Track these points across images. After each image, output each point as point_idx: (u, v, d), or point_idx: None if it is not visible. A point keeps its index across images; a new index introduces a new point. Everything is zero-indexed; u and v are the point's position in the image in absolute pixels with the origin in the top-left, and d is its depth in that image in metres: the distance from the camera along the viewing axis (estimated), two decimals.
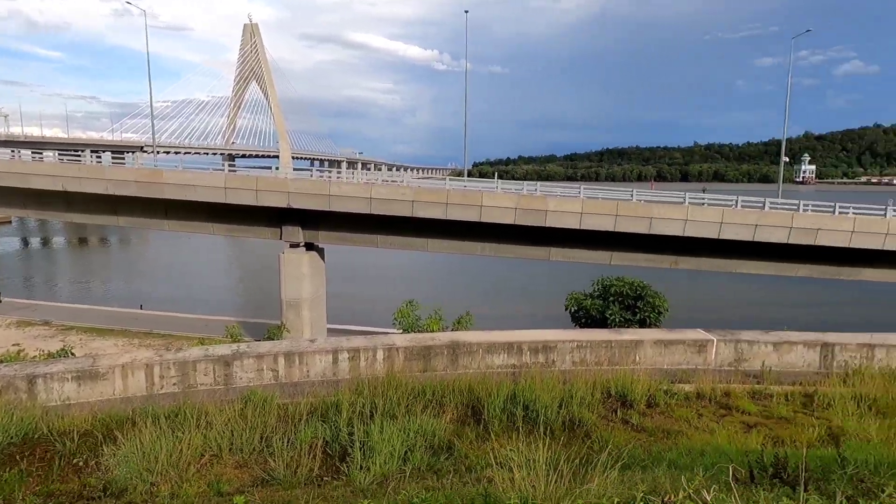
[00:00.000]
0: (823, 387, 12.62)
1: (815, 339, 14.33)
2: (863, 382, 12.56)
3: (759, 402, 12.13)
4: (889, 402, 11.62)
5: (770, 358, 14.16)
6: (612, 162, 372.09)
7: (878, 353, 14.11)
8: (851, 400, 11.71)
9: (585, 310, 17.67)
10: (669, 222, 28.33)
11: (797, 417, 11.27)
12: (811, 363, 14.23)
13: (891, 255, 29.29)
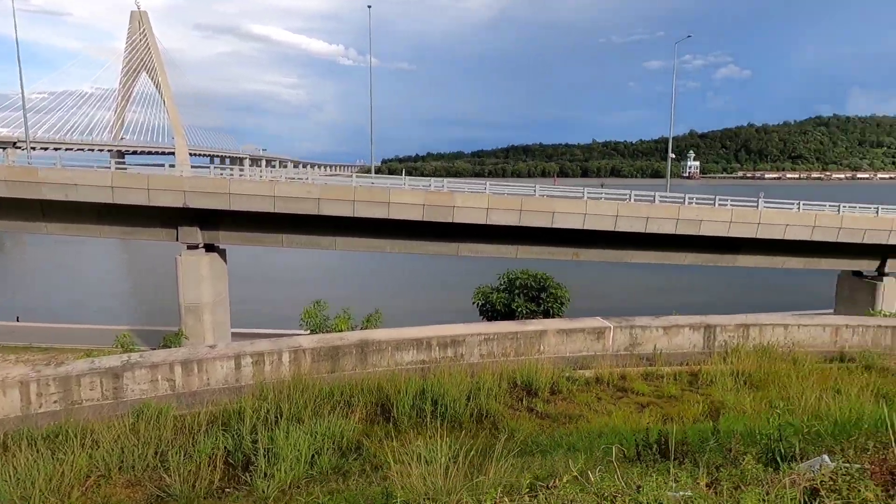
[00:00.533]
0: (707, 365, 13.74)
1: (699, 322, 15.54)
2: (739, 360, 13.80)
3: (651, 382, 13.00)
4: (762, 376, 12.85)
5: (661, 341, 15.17)
6: (517, 158, 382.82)
7: (752, 332, 15.52)
8: (730, 376, 12.84)
9: (492, 303, 18.11)
10: (570, 216, 29.61)
11: (684, 395, 12.20)
12: (696, 344, 15.41)
13: (762, 243, 32.36)
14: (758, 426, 8.25)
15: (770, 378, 12.48)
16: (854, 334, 15.88)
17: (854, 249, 33.58)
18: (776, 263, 34.25)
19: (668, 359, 14.88)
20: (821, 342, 15.77)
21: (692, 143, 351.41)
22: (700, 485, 2.39)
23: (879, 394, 11.50)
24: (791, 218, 31.55)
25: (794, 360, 13.82)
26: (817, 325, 15.93)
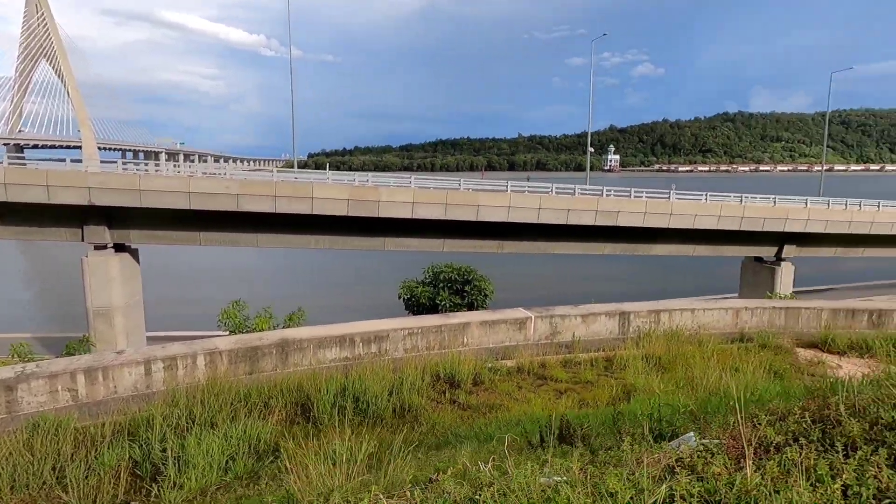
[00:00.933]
0: (621, 351, 14.38)
1: (615, 310, 16.23)
2: (650, 344, 14.54)
3: (569, 369, 13.47)
4: (670, 358, 13.60)
5: (579, 329, 15.74)
6: (445, 152, 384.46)
7: (662, 317, 16.38)
8: (642, 360, 13.51)
9: (417, 297, 18.15)
10: (495, 209, 30.11)
11: (600, 380, 12.72)
12: (612, 331, 16.09)
13: (675, 232, 34.18)
14: (649, 407, 8.78)
15: (677, 360, 13.23)
16: (752, 316, 17.10)
17: (755, 237, 36.12)
18: (687, 251, 36.29)
19: (586, 346, 15.46)
20: (724, 324, 16.88)
21: (612, 138, 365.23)
22: (573, 469, 2.50)
23: (771, 369, 12.50)
24: (699, 208, 33.50)
25: (700, 342, 14.71)
26: (720, 309, 17.03)
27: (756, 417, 2.97)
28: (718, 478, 2.20)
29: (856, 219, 36.27)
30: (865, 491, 2.16)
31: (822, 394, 3.54)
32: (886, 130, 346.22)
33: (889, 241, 39.03)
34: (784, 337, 15.95)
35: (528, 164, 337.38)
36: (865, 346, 14.58)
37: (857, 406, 2.83)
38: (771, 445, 2.51)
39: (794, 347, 15.28)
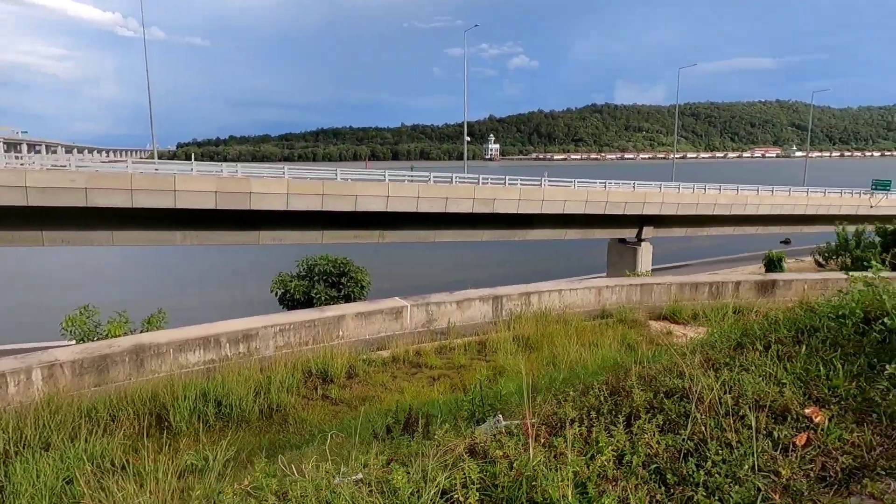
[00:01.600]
0: (494, 334, 14.90)
1: (489, 294, 16.73)
2: (521, 325, 15.21)
3: (444, 355, 13.70)
4: (538, 338, 14.29)
5: (455, 315, 16.03)
6: (328, 142, 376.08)
7: (533, 299, 17.15)
8: (513, 341, 14.05)
9: (291, 292, 17.54)
10: (373, 199, 29.84)
11: (473, 363, 13.06)
12: (486, 315, 16.58)
13: (547, 217, 35.95)
14: (528, 382, 9.17)
15: (545, 339, 13.94)
16: (613, 294, 18.42)
17: (618, 220, 38.98)
18: (560, 235, 38.36)
19: (462, 331, 15.78)
20: (588, 303, 18.03)
21: (492, 128, 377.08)
22: (371, 465, 2.46)
23: (625, 342, 13.56)
24: (569, 195, 35.48)
25: (566, 320, 15.58)
26: (585, 289, 18.16)
27: (564, 394, 3.15)
28: (502, 461, 2.28)
29: (701, 201, 40.31)
30: (636, 458, 2.34)
31: (626, 365, 3.84)
32: (728, 122, 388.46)
33: (728, 221, 43.87)
34: (639, 311, 17.35)
35: (412, 154, 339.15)
36: (704, 315, 16.21)
37: (646, 376, 3.10)
38: (567, 421, 2.65)
39: (648, 320, 16.66)
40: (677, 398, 2.69)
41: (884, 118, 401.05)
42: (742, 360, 3.11)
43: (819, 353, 3.08)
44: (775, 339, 3.29)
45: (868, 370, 2.86)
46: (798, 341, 3.27)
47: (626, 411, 2.68)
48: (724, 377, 2.85)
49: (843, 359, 2.98)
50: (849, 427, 2.48)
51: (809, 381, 2.85)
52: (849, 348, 3.13)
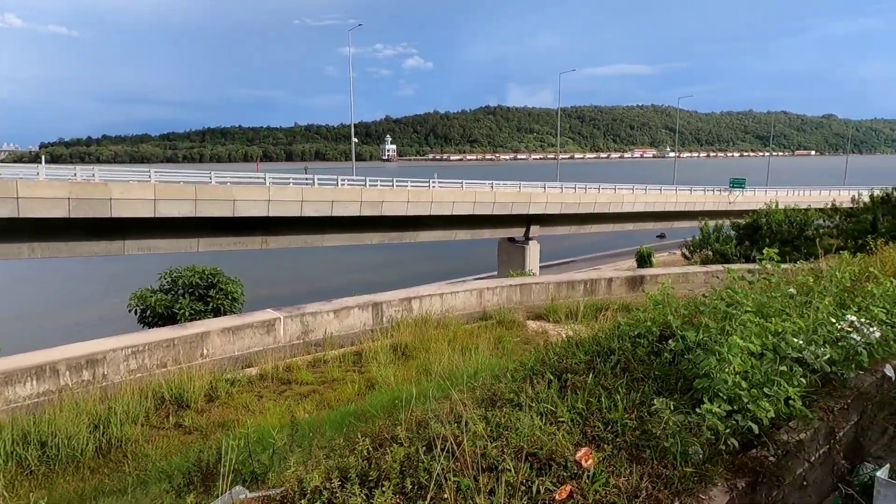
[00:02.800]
0: (372, 342, 14.45)
1: (368, 301, 16.23)
2: (400, 332, 14.88)
3: (317, 369, 13.05)
4: (416, 345, 14.04)
5: (332, 325, 15.38)
6: (215, 142, 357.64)
7: (414, 304, 16.90)
8: (390, 350, 13.67)
9: (152, 307, 16.06)
10: (254, 203, 28.35)
11: (347, 376, 12.53)
12: (366, 323, 16.07)
13: (437, 219, 36.06)
14: (398, 394, 8.81)
15: (423, 345, 13.71)
16: (494, 295, 18.60)
17: (506, 220, 39.93)
18: (450, 236, 38.65)
19: (340, 341, 15.19)
20: (470, 305, 18.08)
21: (389, 128, 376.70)
22: None
23: (500, 344, 13.66)
24: (457, 196, 35.80)
25: (446, 325, 15.47)
26: (466, 291, 18.18)
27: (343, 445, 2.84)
28: None
29: (583, 200, 42.30)
30: None
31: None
32: (610, 124, 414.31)
33: (608, 218, 46.43)
34: (519, 311, 17.63)
35: (307, 154, 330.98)
36: (579, 313, 16.77)
37: (422, 420, 2.88)
38: (309, 490, 2.30)
39: (526, 320, 16.96)
40: (439, 451, 2.43)
41: (741, 122, 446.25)
42: (530, 392, 2.93)
43: (607, 379, 2.98)
44: (570, 366, 3.16)
45: (655, 396, 2.78)
46: (591, 367, 3.15)
47: (375, 475, 2.38)
48: (499, 418, 2.64)
49: (630, 385, 2.89)
50: (620, 468, 2.34)
51: (590, 416, 2.72)
52: (639, 373, 3.05)
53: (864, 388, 3.03)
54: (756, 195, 53.46)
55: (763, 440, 2.44)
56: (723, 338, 2.75)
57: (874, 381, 3.18)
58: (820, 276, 4.30)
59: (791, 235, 29.38)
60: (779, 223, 29.85)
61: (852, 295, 4.10)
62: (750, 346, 2.56)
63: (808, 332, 3.17)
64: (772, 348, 2.84)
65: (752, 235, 30.29)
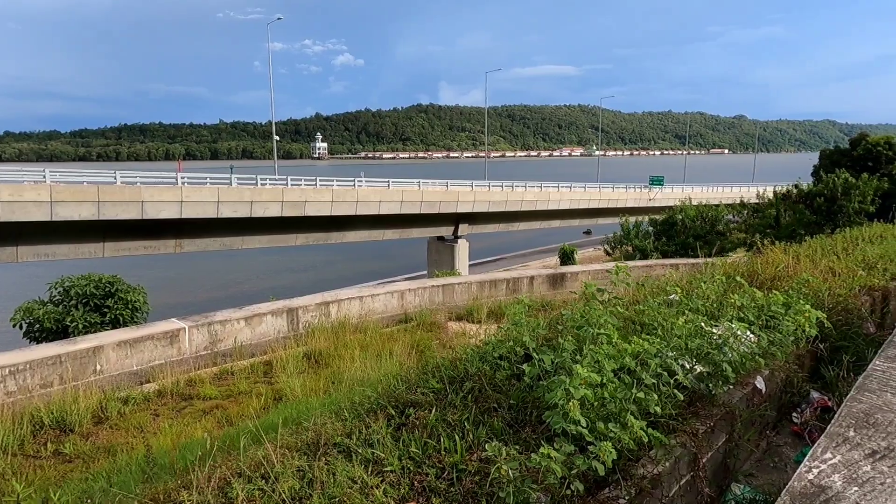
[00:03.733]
0: (286, 350, 13.77)
1: (282, 307, 15.51)
2: (316, 339, 14.29)
3: (223, 382, 12.28)
4: (332, 351, 13.51)
5: (243, 333, 14.59)
6: (133, 139, 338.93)
7: (332, 308, 16.30)
8: (304, 358, 13.07)
9: (41, 321, 14.68)
10: (165, 205, 26.73)
11: (255, 388, 11.85)
12: (281, 330, 15.35)
13: (363, 219, 35.36)
14: (305, 408, 8.29)
15: (337, 352, 13.19)
16: (416, 296, 18.28)
17: (435, 218, 39.71)
18: (378, 236, 38.02)
19: (252, 350, 14.43)
20: (391, 308, 17.67)
21: (319, 126, 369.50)
22: None
23: (417, 347, 13.35)
24: (384, 195, 35.22)
25: (364, 329, 15.00)
26: (387, 293, 17.76)
27: None
28: None
29: (510, 198, 42.72)
30: None
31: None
32: (539, 123, 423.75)
33: (535, 216, 47.16)
34: (441, 313, 17.40)
35: (234, 153, 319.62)
36: (501, 312, 16.71)
37: (228, 476, 2.50)
38: None
39: (448, 321, 16.74)
40: None
41: (661, 122, 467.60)
42: (364, 434, 2.58)
43: (455, 412, 2.68)
44: (417, 398, 2.83)
45: (506, 430, 2.51)
46: (441, 397, 2.84)
47: None
48: (315, 472, 2.28)
49: (480, 418, 2.60)
50: None
51: (425, 462, 2.41)
52: (493, 402, 2.77)
53: (732, 405, 2.89)
54: (674, 192, 55.85)
55: (617, 477, 2.21)
56: (577, 361, 2.51)
57: (744, 396, 3.06)
58: (700, 278, 4.22)
59: (703, 230, 30.72)
60: (692, 219, 31.16)
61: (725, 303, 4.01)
62: (592, 376, 2.31)
63: (681, 346, 3.01)
64: (636, 367, 2.63)
65: (669, 231, 31.49)
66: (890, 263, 5.89)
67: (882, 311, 4.87)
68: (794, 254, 6.08)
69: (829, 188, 27.58)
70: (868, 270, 5.55)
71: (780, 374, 3.41)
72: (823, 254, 6.26)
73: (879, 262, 5.88)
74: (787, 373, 3.44)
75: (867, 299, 4.69)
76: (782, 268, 5.26)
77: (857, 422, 2.42)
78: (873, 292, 4.91)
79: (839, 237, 7.74)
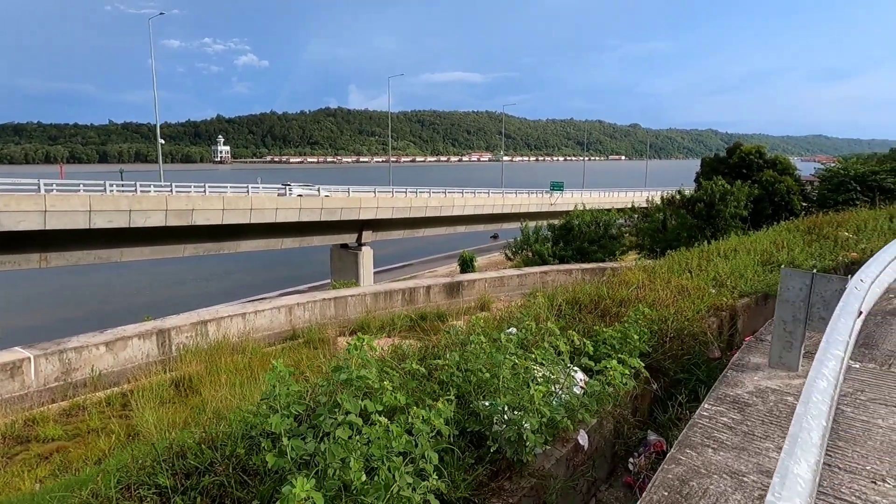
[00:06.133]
0: (149, 378, 12.45)
1: (151, 329, 14.09)
2: (187, 363, 13.06)
3: (72, 419, 10.84)
4: (205, 376, 12.38)
5: (104, 360, 13.09)
6: (6, 140, 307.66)
7: (210, 328, 15.04)
8: (171, 386, 11.87)
9: None
10: (24, 214, 23.93)
11: (109, 424, 10.59)
12: (150, 354, 13.93)
13: (258, 228, 33.64)
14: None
15: (211, 377, 12.09)
16: (306, 311, 17.34)
17: (337, 226, 38.58)
18: (275, 245, 36.34)
19: (116, 378, 12.98)
20: (278, 324, 16.63)
21: (221, 128, 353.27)
22: None
23: (299, 368, 12.52)
24: (280, 202, 33.71)
25: (244, 349, 13.95)
26: (274, 309, 16.71)
27: None
28: None
29: (414, 204, 42.38)
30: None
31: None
32: (448, 128, 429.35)
33: (440, 222, 47.16)
34: (332, 327, 16.59)
35: (126, 156, 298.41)
36: (394, 323, 16.19)
37: None
38: None
39: (338, 337, 15.97)
40: None
41: (564, 129, 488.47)
42: None
43: None
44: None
45: None
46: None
47: None
48: None
49: None
50: None
51: None
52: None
53: (546, 472, 2.52)
54: (573, 197, 57.92)
55: None
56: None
57: (563, 456, 2.70)
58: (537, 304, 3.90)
59: (598, 235, 31.85)
60: (588, 224, 32.23)
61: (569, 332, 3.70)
62: (314, 496, 1.79)
63: (506, 394, 2.61)
64: (424, 436, 2.18)
65: (566, 236, 32.38)
66: (739, 280, 5.98)
67: (730, 332, 4.83)
68: (650, 272, 6.03)
69: (707, 194, 29.43)
70: (718, 288, 5.57)
71: (611, 422, 3.12)
72: (679, 270, 6.27)
73: (729, 279, 5.95)
74: (618, 419, 3.16)
75: (714, 320, 4.62)
76: (634, 289, 5.13)
77: (669, 493, 2.06)
78: (720, 312, 4.85)
79: (695, 251, 7.90)
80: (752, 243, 8.62)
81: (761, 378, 3.94)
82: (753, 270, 6.85)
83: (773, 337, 4.21)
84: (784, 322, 4.23)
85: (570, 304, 4.58)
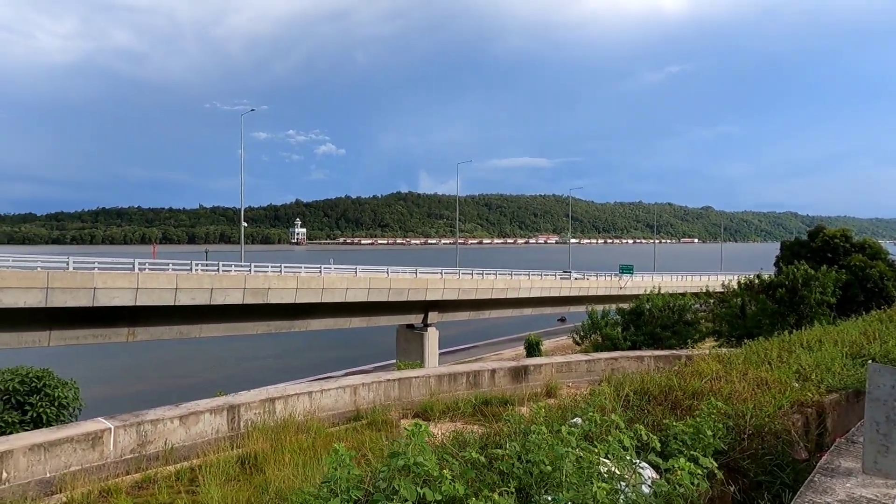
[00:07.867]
0: (220, 454, 12.68)
1: (222, 404, 14.50)
2: (255, 440, 13.25)
3: (142, 492, 11.12)
4: (270, 454, 12.48)
5: (177, 434, 13.50)
6: (110, 222, 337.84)
7: (278, 405, 15.32)
8: (238, 462, 12.05)
9: None
10: (118, 292, 25.82)
11: (177, 500, 10.77)
12: (220, 429, 14.27)
13: (329, 306, 34.62)
14: None
15: (276, 456, 12.18)
16: (370, 391, 17.37)
17: (403, 306, 39.14)
18: (343, 324, 37.14)
19: (186, 452, 13.30)
20: (343, 404, 16.71)
21: (298, 212, 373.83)
22: None
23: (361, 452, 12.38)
24: (351, 282, 34.75)
25: (309, 428, 14.03)
26: (339, 388, 16.85)
27: None
28: None
29: (480, 286, 42.54)
30: None
31: None
32: (515, 211, 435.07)
33: (506, 304, 46.88)
34: (396, 409, 16.48)
35: (211, 237, 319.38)
36: (457, 407, 15.90)
37: None
38: None
39: (400, 419, 15.82)
40: None
41: (633, 212, 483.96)
42: None
43: None
44: None
45: None
46: None
47: None
48: None
49: None
50: None
51: None
52: None
53: None
54: (644, 280, 56.41)
55: None
56: None
57: None
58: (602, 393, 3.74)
59: (671, 320, 30.59)
60: (660, 309, 31.10)
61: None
62: None
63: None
64: None
65: (637, 321, 31.29)
66: (826, 373, 5.56)
67: (818, 431, 4.46)
68: (726, 362, 5.72)
69: (789, 279, 27.93)
70: (802, 382, 5.19)
71: None
72: (757, 361, 5.91)
73: (815, 373, 5.54)
74: None
75: (799, 417, 4.29)
76: (708, 380, 4.87)
77: None
78: (806, 409, 4.51)
79: (775, 341, 7.44)
80: (838, 333, 8.06)
81: (854, 485, 3.59)
82: (842, 364, 6.36)
83: (864, 439, 3.86)
84: (876, 423, 3.89)
85: (638, 395, 4.42)
